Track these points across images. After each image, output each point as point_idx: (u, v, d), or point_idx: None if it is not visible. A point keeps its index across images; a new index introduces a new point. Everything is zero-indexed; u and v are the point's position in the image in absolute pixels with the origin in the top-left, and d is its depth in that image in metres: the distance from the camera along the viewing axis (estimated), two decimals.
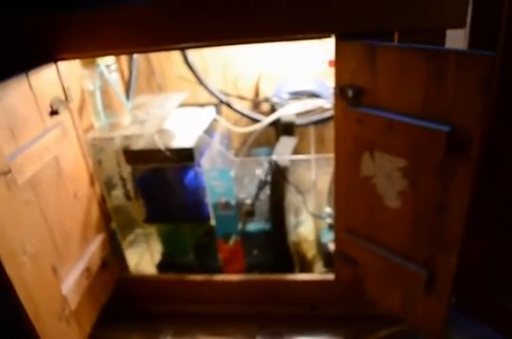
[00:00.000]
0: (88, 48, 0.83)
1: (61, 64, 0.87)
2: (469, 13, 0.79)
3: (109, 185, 1.06)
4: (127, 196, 1.05)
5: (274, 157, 0.99)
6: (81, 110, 1.02)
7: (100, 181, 1.00)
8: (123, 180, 1.04)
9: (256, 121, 1.20)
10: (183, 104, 1.15)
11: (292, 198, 1.08)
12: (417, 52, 0.70)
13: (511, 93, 0.83)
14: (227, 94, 1.23)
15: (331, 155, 0.90)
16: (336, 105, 0.84)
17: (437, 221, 0.79)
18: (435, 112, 0.71)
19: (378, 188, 0.85)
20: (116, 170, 1.04)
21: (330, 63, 1.07)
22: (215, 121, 1.16)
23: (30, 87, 0.77)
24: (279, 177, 0.99)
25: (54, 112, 0.82)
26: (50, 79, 0.84)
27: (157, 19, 0.79)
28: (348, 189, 0.90)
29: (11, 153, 0.70)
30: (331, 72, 0.84)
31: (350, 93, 0.80)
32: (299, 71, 1.27)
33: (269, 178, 1.02)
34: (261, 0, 0.77)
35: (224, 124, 1.16)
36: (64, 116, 0.86)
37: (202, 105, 1.21)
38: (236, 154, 1.24)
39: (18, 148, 0.72)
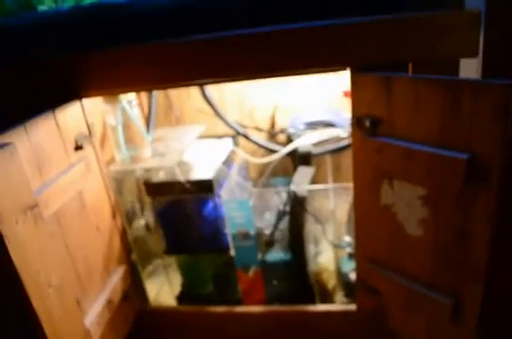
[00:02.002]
0: (110, 85, 0.86)
1: (85, 100, 0.90)
2: (481, 42, 0.81)
3: (130, 217, 1.08)
4: (147, 227, 1.06)
5: (292, 187, 1.00)
6: (103, 143, 1.05)
7: (121, 212, 1.02)
8: (144, 212, 1.05)
9: (273, 151, 1.21)
10: (201, 136, 1.18)
11: (311, 227, 1.08)
12: (432, 82, 0.71)
13: None
14: (244, 126, 1.25)
15: (349, 185, 0.91)
16: (353, 135, 0.85)
17: (459, 249, 0.78)
18: (453, 140, 0.72)
19: (399, 217, 0.85)
20: (136, 202, 1.06)
21: (346, 94, 1.09)
22: (232, 152, 1.18)
23: (57, 124, 0.80)
24: (297, 207, 1.00)
25: (78, 147, 0.85)
26: (75, 115, 0.87)
27: (177, 57, 0.83)
28: (368, 218, 0.90)
29: (38, 187, 0.72)
30: (346, 101, 0.85)
31: (367, 123, 0.81)
32: (315, 101, 1.29)
33: (288, 208, 1.03)
34: (278, 37, 0.80)
35: (242, 155, 1.18)
36: (88, 151, 0.88)
37: (220, 137, 1.23)
38: (254, 185, 1.25)
39: (44, 183, 0.74)
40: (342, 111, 1.23)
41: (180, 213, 1.04)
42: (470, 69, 0.88)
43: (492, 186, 0.69)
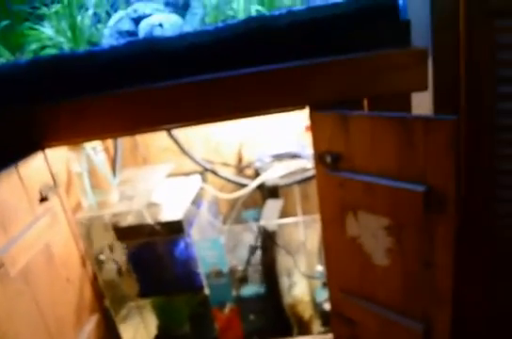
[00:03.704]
0: (74, 135, 0.86)
1: (48, 150, 0.90)
2: (430, 76, 0.86)
3: (100, 261, 1.06)
4: (119, 272, 1.04)
5: (262, 223, 1.02)
6: (68, 190, 1.04)
7: (91, 259, 1.00)
8: (114, 256, 1.04)
9: (242, 185, 1.23)
10: (169, 175, 1.18)
11: (283, 260, 1.09)
12: (386, 120, 0.75)
13: (477, 153, 0.89)
14: (211, 162, 1.27)
15: (317, 216, 0.93)
16: (317, 171, 0.88)
17: (426, 277, 0.81)
18: (410, 174, 0.75)
19: (366, 247, 0.87)
20: (106, 246, 1.04)
21: (307, 128, 1.12)
22: (201, 189, 1.18)
23: (20, 177, 0.79)
24: (268, 242, 1.01)
25: (43, 199, 0.84)
26: (38, 167, 0.86)
27: (140, 104, 0.84)
28: (337, 250, 0.92)
29: (3, 246, 0.71)
30: (308, 135, 0.88)
31: (328, 159, 0.84)
32: (278, 135, 1.32)
33: (259, 243, 1.04)
34: (239, 82, 0.83)
35: (211, 192, 1.19)
36: (53, 201, 0.88)
37: (188, 174, 1.24)
38: (225, 219, 1.26)
39: (9, 240, 0.73)
40: (305, 143, 1.26)
41: (151, 255, 1.03)
42: (422, 101, 0.93)
43: (449, 217, 0.73)
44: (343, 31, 0.84)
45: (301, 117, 1.25)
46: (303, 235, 1.13)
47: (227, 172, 1.27)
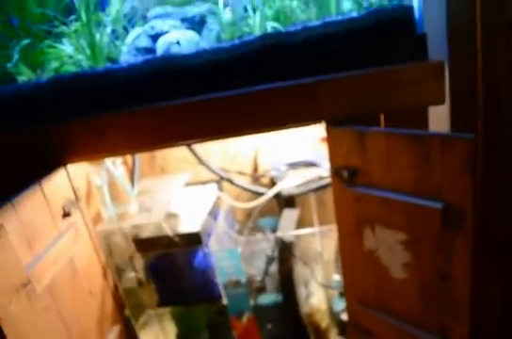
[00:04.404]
0: (95, 151, 0.88)
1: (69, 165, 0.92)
2: (447, 90, 0.86)
3: (120, 270, 1.08)
4: (139, 282, 1.07)
5: (279, 234, 1.03)
6: (88, 201, 1.06)
7: (111, 269, 1.03)
8: (134, 266, 1.06)
9: (258, 193, 1.24)
10: (186, 184, 1.20)
11: (300, 270, 1.10)
12: (402, 136, 0.75)
13: (495, 171, 0.89)
14: (227, 170, 1.28)
15: (334, 225, 0.93)
16: (333, 184, 0.88)
17: (443, 290, 0.81)
18: (426, 190, 0.75)
19: (383, 260, 0.88)
20: (126, 257, 1.07)
21: (322, 139, 1.13)
22: (218, 198, 1.20)
23: (44, 195, 0.81)
24: (285, 253, 1.02)
25: (66, 214, 0.86)
26: (60, 182, 0.89)
27: (159, 121, 0.85)
28: (354, 262, 0.92)
29: (29, 263, 0.73)
30: (324, 146, 0.89)
31: (345, 174, 0.85)
32: (294, 142, 1.33)
33: (276, 254, 1.05)
34: (255, 98, 0.84)
35: (227, 201, 1.21)
36: (76, 216, 0.90)
37: (205, 183, 1.25)
38: (241, 227, 1.27)
39: (35, 257, 0.75)
40: (321, 151, 1.27)
41: (170, 265, 1.05)
42: (439, 115, 0.93)
43: (467, 233, 0.73)
44: (358, 46, 0.85)
45: (316, 126, 1.25)
46: (320, 246, 1.14)
47: (243, 181, 1.28)
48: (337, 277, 1.13)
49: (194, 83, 0.86)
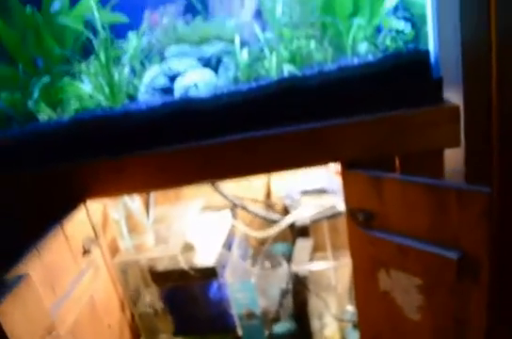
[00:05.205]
0: (115, 189, 0.90)
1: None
2: (462, 133, 0.86)
3: (135, 300, 1.10)
4: (155, 312, 1.09)
5: (293, 268, 1.04)
6: (105, 232, 1.07)
7: (127, 300, 1.04)
8: (150, 296, 1.08)
9: (272, 221, 1.25)
10: (200, 209, 1.21)
11: (314, 302, 1.11)
12: (417, 185, 0.76)
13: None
14: (240, 198, 1.29)
15: (347, 253, 0.93)
16: (348, 225, 0.89)
17: (458, 333, 0.82)
18: (443, 239, 0.76)
19: (398, 301, 0.88)
20: (143, 288, 1.09)
21: (337, 172, 1.13)
22: (232, 226, 1.21)
23: (65, 236, 0.83)
24: (299, 286, 1.03)
25: (86, 251, 0.88)
26: (80, 220, 0.90)
27: (176, 162, 0.87)
28: (369, 301, 0.93)
29: (53, 304, 0.75)
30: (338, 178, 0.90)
31: (360, 217, 0.85)
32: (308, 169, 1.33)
33: (290, 286, 1.06)
34: (272, 141, 0.85)
35: (242, 229, 1.22)
36: (95, 253, 0.92)
37: (219, 209, 1.27)
38: (255, 254, 1.28)
39: (58, 298, 0.77)
40: (334, 179, 1.27)
41: (186, 296, 1.07)
42: (454, 154, 0.92)
43: (482, 284, 0.73)
44: (374, 90, 0.85)
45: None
46: (334, 278, 1.14)
47: (256, 208, 1.29)
48: (350, 308, 1.14)
49: (211, 125, 0.87)
